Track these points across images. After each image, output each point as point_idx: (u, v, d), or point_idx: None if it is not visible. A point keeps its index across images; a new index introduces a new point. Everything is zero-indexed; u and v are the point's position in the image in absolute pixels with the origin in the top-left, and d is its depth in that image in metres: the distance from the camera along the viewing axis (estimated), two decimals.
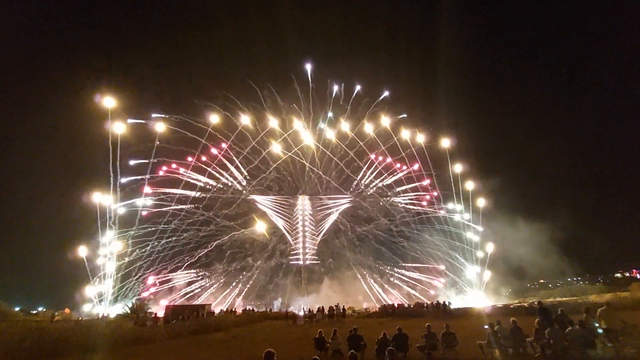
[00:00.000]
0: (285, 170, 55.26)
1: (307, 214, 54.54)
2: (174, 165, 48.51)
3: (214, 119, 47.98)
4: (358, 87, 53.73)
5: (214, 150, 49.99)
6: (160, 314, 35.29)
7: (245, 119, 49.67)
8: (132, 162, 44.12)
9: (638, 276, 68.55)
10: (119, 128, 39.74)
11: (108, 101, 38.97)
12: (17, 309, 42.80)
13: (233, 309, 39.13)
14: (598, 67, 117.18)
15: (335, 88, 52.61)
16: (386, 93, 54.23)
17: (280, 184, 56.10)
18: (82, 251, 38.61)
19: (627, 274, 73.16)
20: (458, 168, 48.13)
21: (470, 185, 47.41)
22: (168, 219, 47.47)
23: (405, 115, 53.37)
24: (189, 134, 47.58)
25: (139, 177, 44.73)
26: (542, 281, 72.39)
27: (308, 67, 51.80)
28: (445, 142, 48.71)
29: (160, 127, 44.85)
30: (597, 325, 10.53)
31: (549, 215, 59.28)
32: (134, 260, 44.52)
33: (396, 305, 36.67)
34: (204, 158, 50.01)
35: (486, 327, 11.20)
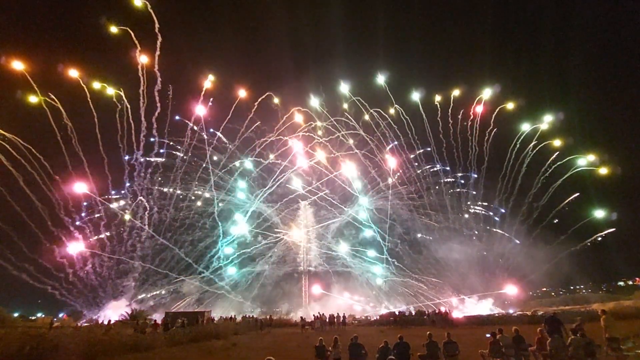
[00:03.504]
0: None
1: (311, 221, 54.35)
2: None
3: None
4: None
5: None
6: (160, 320, 34.99)
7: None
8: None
9: None
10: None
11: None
12: (15, 314, 42.55)
13: (232, 316, 38.77)
14: None
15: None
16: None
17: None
18: None
19: (631, 282, 72.48)
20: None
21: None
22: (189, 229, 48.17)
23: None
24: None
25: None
26: (544, 289, 71.61)
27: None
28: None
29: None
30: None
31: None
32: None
33: (397, 313, 36.33)
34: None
35: (488, 335, 11.15)
